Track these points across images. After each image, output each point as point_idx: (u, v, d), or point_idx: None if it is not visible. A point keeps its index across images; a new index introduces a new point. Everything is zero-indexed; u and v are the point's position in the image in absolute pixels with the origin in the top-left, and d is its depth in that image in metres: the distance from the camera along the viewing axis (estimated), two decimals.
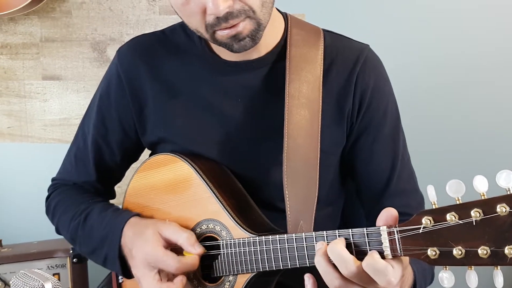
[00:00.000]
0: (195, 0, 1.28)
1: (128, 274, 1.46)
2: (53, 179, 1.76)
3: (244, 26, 1.30)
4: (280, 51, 1.50)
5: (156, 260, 1.36)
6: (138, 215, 1.51)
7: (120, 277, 1.58)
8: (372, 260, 1.08)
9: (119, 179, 1.76)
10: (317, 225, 1.36)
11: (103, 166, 1.67)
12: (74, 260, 2.29)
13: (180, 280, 1.35)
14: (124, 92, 1.58)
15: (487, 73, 2.56)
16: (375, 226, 1.14)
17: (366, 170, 1.54)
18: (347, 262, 1.10)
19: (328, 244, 1.15)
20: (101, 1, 2.75)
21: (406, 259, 1.15)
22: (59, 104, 2.87)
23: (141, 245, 1.39)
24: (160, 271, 1.38)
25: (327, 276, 1.14)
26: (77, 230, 1.57)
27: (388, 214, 1.12)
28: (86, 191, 1.68)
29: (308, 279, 1.22)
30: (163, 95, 1.55)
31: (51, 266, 2.30)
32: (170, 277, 1.37)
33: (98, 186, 1.69)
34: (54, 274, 2.29)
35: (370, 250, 1.12)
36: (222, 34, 1.31)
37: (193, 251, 1.35)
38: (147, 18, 2.73)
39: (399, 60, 2.55)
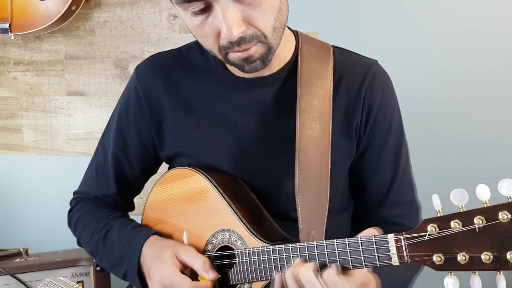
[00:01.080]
0: (210, 24, 1.28)
1: None
2: (74, 193, 1.77)
3: (256, 50, 1.30)
4: (291, 67, 1.50)
5: (172, 284, 1.38)
6: (157, 233, 1.52)
7: None
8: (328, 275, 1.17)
9: (138, 191, 1.77)
10: (328, 233, 1.36)
11: (122, 179, 1.68)
12: (98, 268, 2.29)
13: None
14: (142, 108, 1.59)
15: (490, 89, 2.56)
16: None
17: (369, 181, 1.55)
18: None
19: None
20: (123, 20, 2.77)
21: (361, 276, 1.20)
22: (83, 119, 2.89)
23: (158, 267, 1.41)
24: None
25: None
26: (98, 245, 1.58)
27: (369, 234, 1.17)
28: (106, 205, 1.69)
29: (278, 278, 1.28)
30: (179, 111, 1.56)
31: (76, 274, 2.31)
32: None
33: (118, 198, 1.70)
34: (78, 282, 2.29)
35: (378, 257, 1.14)
36: (234, 56, 1.32)
37: (207, 277, 1.37)
38: (167, 36, 2.75)
39: (406, 75, 2.56)
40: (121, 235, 1.55)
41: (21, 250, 2.46)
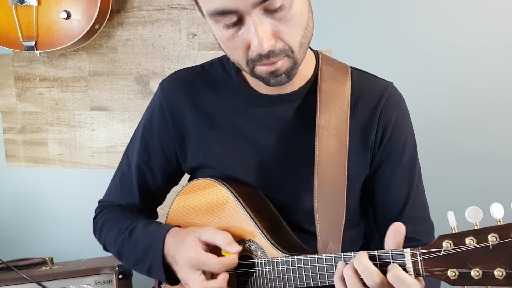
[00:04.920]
0: (240, 37, 1.28)
1: (172, 281, 1.48)
2: (99, 201, 1.79)
3: (282, 64, 1.30)
4: (311, 86, 1.51)
5: (198, 263, 1.38)
6: (179, 226, 1.52)
7: (162, 285, 1.60)
8: (398, 272, 1.12)
9: (161, 201, 1.77)
10: (343, 246, 1.38)
11: (146, 190, 1.68)
12: (120, 276, 2.30)
13: (223, 278, 1.37)
14: (166, 122, 1.60)
15: (502, 105, 2.56)
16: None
17: (383, 197, 1.56)
18: (373, 275, 1.14)
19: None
20: (144, 38, 2.79)
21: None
22: (106, 133, 2.91)
23: (183, 251, 1.41)
24: (203, 272, 1.39)
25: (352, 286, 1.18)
26: (123, 244, 1.59)
27: (395, 229, 1.17)
28: (130, 211, 1.70)
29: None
30: (202, 125, 1.56)
31: (99, 282, 2.31)
32: (214, 276, 1.39)
33: (142, 207, 1.70)
34: None
35: None
36: (261, 69, 1.32)
37: (230, 250, 1.37)
38: (187, 54, 2.76)
39: (418, 91, 2.57)
40: (145, 231, 1.56)
41: (47, 258, 2.47)
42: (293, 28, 1.29)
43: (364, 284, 1.16)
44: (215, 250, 1.41)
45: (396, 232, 1.16)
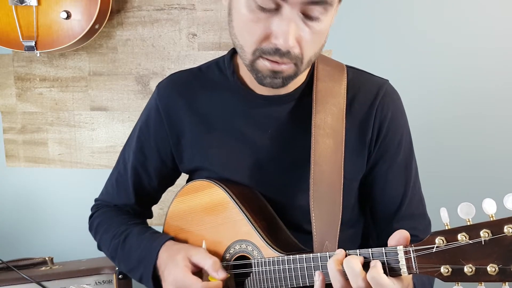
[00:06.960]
0: (265, 24, 1.27)
1: None
2: (96, 200, 1.81)
3: (287, 69, 1.31)
4: (307, 86, 1.52)
5: (184, 284, 1.40)
6: (173, 238, 1.54)
7: None
8: (376, 273, 1.12)
9: (156, 201, 1.79)
10: (340, 245, 1.37)
11: (141, 191, 1.70)
12: (120, 276, 2.30)
13: None
14: (162, 124, 1.60)
15: (498, 105, 2.56)
16: (385, 245, 1.16)
17: (380, 195, 1.55)
18: (358, 277, 1.13)
19: (346, 256, 1.19)
20: (144, 38, 2.79)
21: (407, 278, 1.17)
22: (106, 133, 2.91)
23: (172, 268, 1.43)
24: None
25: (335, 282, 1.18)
26: (117, 249, 1.61)
27: (400, 236, 1.14)
28: (126, 213, 1.71)
29: (318, 276, 1.25)
30: (199, 127, 1.57)
31: (99, 282, 2.31)
32: None
33: (136, 207, 1.72)
34: None
35: (388, 268, 1.14)
36: (265, 64, 1.31)
37: (217, 276, 1.39)
38: (187, 54, 2.77)
39: (417, 91, 2.57)
40: (139, 240, 1.57)
41: (47, 258, 2.47)
42: (314, 43, 1.31)
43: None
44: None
45: (401, 239, 1.14)
